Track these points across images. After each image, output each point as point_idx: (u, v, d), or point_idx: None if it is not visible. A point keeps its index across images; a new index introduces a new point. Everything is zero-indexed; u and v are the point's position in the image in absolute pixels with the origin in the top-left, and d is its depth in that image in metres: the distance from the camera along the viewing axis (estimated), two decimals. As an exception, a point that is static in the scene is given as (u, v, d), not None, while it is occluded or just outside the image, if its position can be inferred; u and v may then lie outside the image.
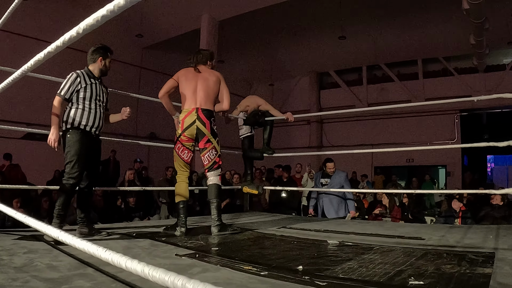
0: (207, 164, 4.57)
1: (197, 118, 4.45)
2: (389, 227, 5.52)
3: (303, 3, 13.43)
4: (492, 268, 2.70)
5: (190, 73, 4.64)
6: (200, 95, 4.52)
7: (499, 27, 13.54)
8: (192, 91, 4.53)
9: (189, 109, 4.49)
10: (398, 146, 10.97)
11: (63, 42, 1.81)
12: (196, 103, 4.49)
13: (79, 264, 2.69)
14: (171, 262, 2.85)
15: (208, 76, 4.62)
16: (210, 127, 4.50)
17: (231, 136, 9.39)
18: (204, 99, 4.51)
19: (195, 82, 4.56)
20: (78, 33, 1.68)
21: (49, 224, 2.37)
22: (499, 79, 16.42)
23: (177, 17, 14.26)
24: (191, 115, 4.47)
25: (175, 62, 17.43)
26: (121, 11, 1.44)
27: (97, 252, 1.58)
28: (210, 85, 4.57)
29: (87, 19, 1.58)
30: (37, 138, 11.87)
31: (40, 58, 2.03)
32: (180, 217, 4.48)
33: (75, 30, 1.70)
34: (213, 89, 4.59)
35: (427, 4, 13.61)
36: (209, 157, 4.54)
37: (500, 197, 7.65)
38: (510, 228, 5.04)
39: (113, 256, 1.49)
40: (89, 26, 1.61)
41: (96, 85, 4.14)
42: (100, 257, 1.56)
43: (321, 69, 20.86)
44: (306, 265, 2.80)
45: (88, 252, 1.61)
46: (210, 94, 4.57)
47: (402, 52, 17.67)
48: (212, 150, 4.53)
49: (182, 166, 4.66)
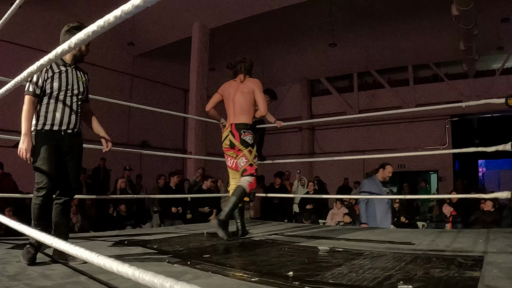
0: (239, 169, 4.91)
1: (230, 132, 4.83)
2: (380, 232, 5.55)
3: (294, 10, 13.49)
4: (480, 272, 2.73)
5: (230, 88, 4.94)
6: (234, 111, 4.86)
7: (488, 33, 13.68)
8: (230, 108, 4.90)
9: (227, 125, 4.91)
10: (389, 152, 11.08)
11: (55, 55, 1.84)
12: (231, 119, 4.86)
13: (72, 272, 2.70)
14: (163, 270, 2.86)
15: (243, 89, 4.86)
16: (240, 138, 4.77)
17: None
18: (238, 113, 4.83)
19: (232, 98, 4.87)
20: (70, 47, 1.72)
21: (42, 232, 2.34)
22: (489, 85, 16.55)
23: (169, 25, 14.28)
24: (227, 130, 4.88)
25: (166, 70, 17.52)
26: (111, 27, 1.49)
27: (89, 257, 1.60)
28: (242, 99, 4.83)
29: (78, 34, 1.62)
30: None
31: (33, 70, 2.06)
32: (237, 219, 4.98)
33: (67, 44, 1.73)
34: (246, 99, 4.84)
35: (417, 11, 13.72)
36: (239, 164, 4.85)
37: (491, 203, 7.71)
38: (500, 232, 5.08)
39: (105, 261, 1.51)
40: (81, 41, 1.65)
41: (67, 73, 3.38)
42: (92, 262, 1.58)
43: (312, 76, 20.92)
44: (297, 271, 2.82)
45: (80, 257, 1.63)
46: (244, 107, 4.84)
47: (392, 59, 17.76)
48: (242, 157, 4.82)
49: (233, 175, 5.11)
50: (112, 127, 14.13)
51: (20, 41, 12.44)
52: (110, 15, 1.45)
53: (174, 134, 17.82)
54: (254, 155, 4.81)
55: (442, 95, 17.20)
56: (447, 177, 17.50)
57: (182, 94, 18.22)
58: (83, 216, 8.34)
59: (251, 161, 4.77)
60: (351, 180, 15.09)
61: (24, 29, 12.41)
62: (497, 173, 19.02)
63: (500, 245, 3.91)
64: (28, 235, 2.08)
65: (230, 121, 4.87)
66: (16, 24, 11.30)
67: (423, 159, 17.12)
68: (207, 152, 13.77)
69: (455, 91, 17.29)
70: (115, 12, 1.43)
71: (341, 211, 9.60)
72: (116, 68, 15.70)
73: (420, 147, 16.94)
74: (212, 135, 14.68)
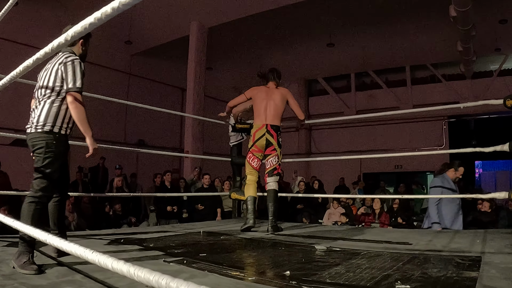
0: (268, 168, 5.31)
1: (266, 132, 5.21)
2: (377, 232, 5.54)
3: (292, 10, 13.47)
4: (478, 272, 2.72)
5: (262, 92, 5.36)
6: (269, 113, 5.27)
7: (486, 34, 13.69)
8: (263, 110, 5.28)
9: (260, 125, 5.24)
10: (386, 153, 11.10)
11: (51, 48, 1.81)
12: (266, 120, 5.24)
13: (67, 271, 2.68)
14: (159, 268, 2.82)
15: (276, 96, 5.32)
16: (277, 138, 5.26)
17: (222, 143, 9.38)
18: (272, 117, 5.26)
19: (266, 102, 5.29)
20: (67, 39, 1.70)
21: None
22: (486, 86, 16.60)
23: (166, 24, 14.24)
24: (261, 129, 5.22)
25: (164, 69, 17.47)
26: (108, 19, 1.47)
27: (84, 254, 1.59)
28: (278, 104, 5.29)
29: (75, 26, 1.60)
30: (25, 144, 11.77)
31: (29, 64, 2.04)
32: (248, 209, 5.26)
33: (63, 37, 1.71)
34: (280, 107, 5.32)
35: (415, 11, 13.71)
36: (272, 162, 5.28)
37: (489, 204, 7.71)
38: (498, 233, 5.07)
39: (100, 258, 1.50)
40: (77, 33, 1.62)
41: None
42: (87, 259, 1.57)
43: (309, 76, 20.93)
44: (294, 270, 2.80)
45: (75, 254, 1.62)
46: (278, 112, 5.31)
47: (390, 59, 17.79)
48: (275, 157, 5.27)
49: (252, 170, 5.40)
50: (109, 125, 14.14)
51: (16, 39, 12.37)
52: (107, 6, 1.43)
53: (171, 133, 17.78)
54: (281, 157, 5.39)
55: (439, 96, 17.23)
56: (444, 178, 17.47)
57: (180, 93, 18.16)
58: (79, 214, 8.31)
59: (280, 161, 5.33)
60: (348, 180, 15.08)
61: (20, 26, 12.35)
62: (493, 174, 19.06)
63: (497, 246, 3.90)
64: (23, 232, 2.05)
65: (263, 121, 5.24)
66: (12, 21, 11.26)
67: (420, 159, 17.14)
68: (204, 151, 13.75)
69: (452, 92, 17.32)
70: (112, 3, 1.41)
71: (337, 210, 9.59)
72: (113, 67, 15.65)
73: (417, 148, 16.97)
74: (209, 135, 14.68)
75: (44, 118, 3.13)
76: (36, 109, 3.20)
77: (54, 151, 3.14)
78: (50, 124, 3.13)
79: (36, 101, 3.25)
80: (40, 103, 3.19)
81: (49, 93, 3.15)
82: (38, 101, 3.22)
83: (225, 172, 11.94)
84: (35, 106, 3.24)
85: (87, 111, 3.16)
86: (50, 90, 3.15)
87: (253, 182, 5.38)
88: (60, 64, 3.15)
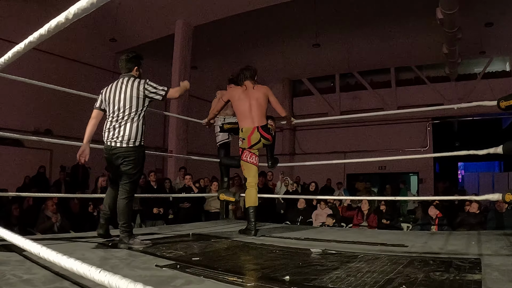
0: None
1: (261, 136, 5.17)
2: (370, 234, 5.49)
3: (278, 10, 13.42)
4: (481, 274, 2.68)
5: (240, 93, 5.22)
6: (255, 114, 5.16)
7: (471, 37, 13.79)
8: (248, 112, 5.17)
9: (251, 128, 5.15)
10: (371, 154, 11.07)
11: (32, 40, 1.71)
12: (254, 122, 5.16)
13: (54, 277, 2.53)
14: (152, 274, 2.72)
15: (258, 95, 5.20)
16: (272, 137, 5.33)
17: (206, 142, 9.28)
18: (259, 117, 5.17)
19: (248, 103, 5.17)
20: (49, 31, 1.59)
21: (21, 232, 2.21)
22: (470, 88, 16.76)
23: (151, 22, 14.09)
24: (255, 133, 5.16)
25: (148, 67, 17.20)
26: (94, 9, 1.36)
27: (73, 266, 1.48)
28: (261, 103, 5.20)
29: (58, 17, 1.50)
30: (6, 143, 11.53)
31: (8, 58, 1.92)
32: (250, 222, 5.03)
33: (45, 28, 1.60)
34: (264, 106, 5.24)
35: (401, 13, 13.76)
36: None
37: (477, 205, 7.72)
38: (491, 234, 5.06)
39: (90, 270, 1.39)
40: (61, 24, 1.51)
41: None
42: (74, 271, 1.46)
43: (294, 76, 20.92)
44: (293, 275, 2.71)
45: (63, 266, 1.50)
46: (263, 112, 5.23)
47: (375, 61, 17.84)
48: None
49: (251, 168, 5.25)
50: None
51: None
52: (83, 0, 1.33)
53: (154, 132, 17.58)
54: None
55: (424, 98, 17.34)
56: (427, 179, 17.65)
57: (164, 92, 17.99)
58: (63, 215, 8.11)
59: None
60: (333, 181, 15.08)
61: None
62: (476, 176, 19.22)
63: (494, 248, 3.86)
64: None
65: (250, 124, 5.16)
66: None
67: (404, 161, 17.15)
68: (188, 151, 13.60)
69: (436, 94, 17.45)
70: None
71: (325, 211, 9.52)
72: (98, 65, 15.40)
73: (401, 149, 17.06)
74: (194, 134, 14.55)
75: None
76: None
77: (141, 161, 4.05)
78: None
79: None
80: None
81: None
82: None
83: (210, 172, 11.82)
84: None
85: (70, 109, 3.23)
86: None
87: (254, 187, 5.24)
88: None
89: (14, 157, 12.26)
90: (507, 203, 6.20)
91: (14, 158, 12.24)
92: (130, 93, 3.93)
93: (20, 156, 12.39)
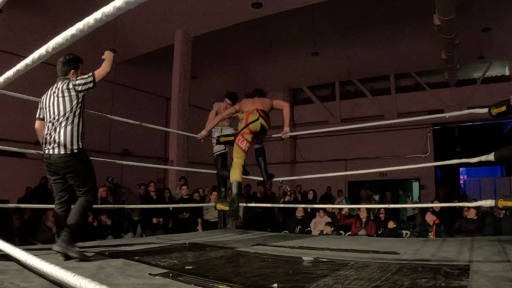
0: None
1: (259, 116, 5.32)
2: (364, 242, 5.51)
3: (277, 20, 13.48)
4: (467, 281, 2.70)
5: (250, 103, 5.62)
6: (257, 104, 5.51)
7: (469, 42, 13.80)
8: (251, 103, 5.58)
9: (250, 109, 5.38)
10: (371, 161, 11.06)
11: (32, 60, 1.77)
12: (255, 106, 5.43)
13: (50, 285, 2.58)
14: (144, 282, 2.77)
15: (263, 101, 5.66)
16: (269, 122, 5.50)
17: (207, 152, 9.29)
18: (261, 106, 5.48)
19: (252, 101, 5.64)
20: (48, 51, 1.65)
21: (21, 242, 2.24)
22: (470, 93, 16.74)
23: (151, 32, 14.17)
24: (253, 113, 5.33)
25: (148, 78, 17.36)
26: (91, 30, 1.42)
27: (65, 277, 1.52)
28: (265, 103, 5.59)
29: (57, 37, 1.55)
30: (8, 154, 11.59)
31: (10, 76, 1.98)
32: (232, 193, 5.09)
33: (44, 48, 1.66)
34: (267, 106, 5.61)
35: (399, 20, 13.81)
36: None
37: (475, 211, 7.71)
38: (484, 240, 5.08)
39: (82, 282, 1.43)
40: (59, 45, 1.57)
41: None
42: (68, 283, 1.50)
43: (294, 85, 20.94)
44: (281, 282, 2.75)
45: (56, 277, 1.55)
46: (265, 107, 5.54)
47: (374, 68, 17.85)
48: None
49: (239, 152, 5.31)
50: (93, 134, 13.96)
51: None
52: (90, 17, 1.37)
53: (155, 142, 17.64)
54: None
55: (424, 104, 17.38)
56: (429, 185, 17.59)
57: (164, 102, 18.05)
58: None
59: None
60: (334, 189, 15.09)
61: (4, 34, 12.18)
62: (478, 181, 19.16)
63: (485, 254, 3.88)
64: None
65: (251, 106, 5.44)
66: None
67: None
68: (189, 160, 13.65)
69: (436, 100, 17.45)
70: (95, 14, 1.35)
71: (323, 219, 9.51)
72: (98, 76, 15.48)
73: (402, 155, 17.05)
74: (195, 143, 14.58)
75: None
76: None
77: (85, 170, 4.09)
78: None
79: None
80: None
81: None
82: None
83: (211, 182, 11.84)
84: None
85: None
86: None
87: (239, 166, 5.28)
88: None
89: (16, 168, 12.33)
90: (500, 209, 6.21)
91: (16, 169, 12.32)
92: (62, 94, 3.87)
93: (22, 167, 12.45)
